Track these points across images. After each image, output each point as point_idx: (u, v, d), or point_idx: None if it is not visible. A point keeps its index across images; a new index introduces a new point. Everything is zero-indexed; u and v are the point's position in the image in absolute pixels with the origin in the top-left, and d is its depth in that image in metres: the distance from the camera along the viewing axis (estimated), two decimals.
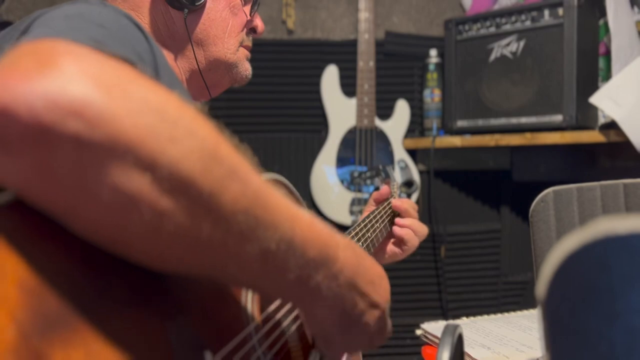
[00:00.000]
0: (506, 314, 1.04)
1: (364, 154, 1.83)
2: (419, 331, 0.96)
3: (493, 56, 1.71)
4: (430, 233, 1.90)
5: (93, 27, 0.53)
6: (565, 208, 0.70)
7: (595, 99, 1.49)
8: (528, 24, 1.65)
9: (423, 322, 0.97)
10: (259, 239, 0.40)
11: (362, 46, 1.82)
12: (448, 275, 1.91)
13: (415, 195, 1.86)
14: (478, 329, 0.94)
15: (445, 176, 1.92)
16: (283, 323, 0.60)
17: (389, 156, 1.86)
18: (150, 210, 0.35)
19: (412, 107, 1.91)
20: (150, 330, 0.41)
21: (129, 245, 0.37)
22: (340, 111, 1.84)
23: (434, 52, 1.88)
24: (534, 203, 0.71)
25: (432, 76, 1.89)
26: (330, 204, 1.82)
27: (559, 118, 1.58)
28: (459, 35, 1.78)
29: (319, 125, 1.87)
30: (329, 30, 1.91)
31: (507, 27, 1.68)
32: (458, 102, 1.79)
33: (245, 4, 0.82)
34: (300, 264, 0.43)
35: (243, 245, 0.39)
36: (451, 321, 0.67)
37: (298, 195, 0.71)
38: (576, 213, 0.70)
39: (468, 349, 0.83)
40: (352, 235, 0.83)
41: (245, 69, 0.84)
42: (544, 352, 0.31)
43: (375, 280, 0.52)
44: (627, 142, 1.43)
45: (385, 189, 1.07)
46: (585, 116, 1.58)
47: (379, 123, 1.86)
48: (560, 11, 1.58)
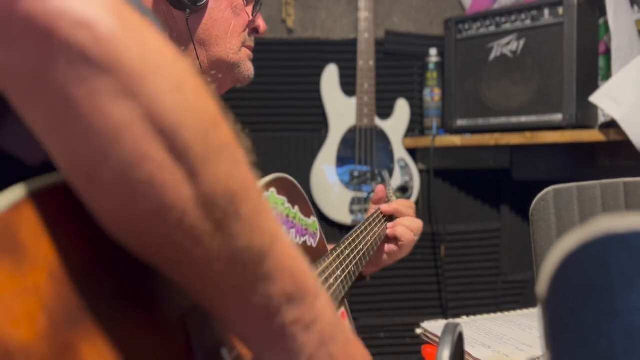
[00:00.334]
0: (506, 313, 1.04)
1: (364, 153, 1.83)
2: (419, 330, 0.96)
3: (493, 55, 1.71)
4: (430, 232, 1.91)
5: None
6: (565, 207, 0.70)
7: (595, 98, 1.49)
8: (528, 23, 1.64)
9: (423, 321, 0.97)
10: (233, 235, 0.36)
11: (362, 45, 1.82)
12: (448, 275, 1.91)
13: (415, 195, 1.86)
14: (478, 328, 0.94)
15: (445, 175, 1.92)
16: None
17: (389, 155, 1.86)
18: (132, 146, 0.33)
19: (412, 107, 1.90)
20: (168, 326, 0.41)
21: (100, 184, 0.34)
22: (340, 110, 1.84)
23: (433, 52, 1.88)
24: (534, 202, 0.71)
25: (432, 75, 1.89)
26: (330, 204, 1.82)
27: (559, 117, 1.58)
28: (458, 34, 1.78)
29: (318, 124, 1.87)
30: (329, 29, 1.91)
31: (507, 26, 1.68)
32: (458, 101, 1.79)
33: (247, 4, 0.82)
34: (271, 291, 0.39)
35: (216, 233, 0.36)
36: (451, 320, 0.67)
37: (303, 192, 0.71)
38: (576, 212, 0.70)
39: (468, 347, 0.83)
40: (344, 248, 0.81)
41: (248, 69, 0.84)
42: (544, 351, 0.31)
43: (356, 356, 0.46)
44: (627, 141, 1.43)
45: (379, 190, 1.07)
46: (585, 115, 1.58)
47: (379, 122, 1.86)
48: (560, 10, 1.58)
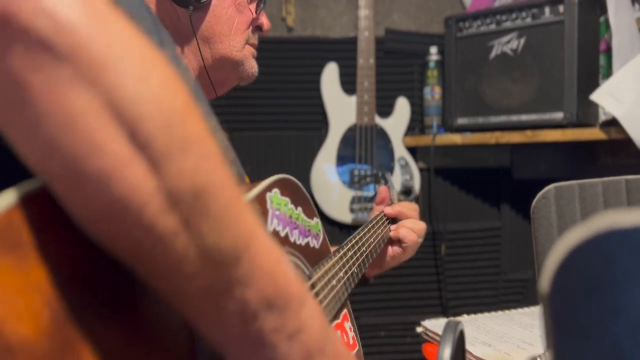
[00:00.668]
0: (507, 312, 1.04)
1: (364, 151, 1.83)
2: (419, 329, 0.96)
3: (493, 53, 1.70)
4: (430, 231, 1.91)
5: None
6: (566, 204, 0.70)
7: (596, 96, 1.49)
8: (528, 21, 1.64)
9: (423, 320, 0.96)
10: (202, 233, 0.35)
11: (362, 44, 1.81)
12: (448, 273, 1.91)
13: (415, 194, 1.86)
14: (479, 327, 0.94)
15: (446, 174, 1.92)
16: None
17: (389, 154, 1.86)
18: (87, 136, 0.32)
19: (413, 105, 1.90)
20: (177, 350, 0.41)
21: (52, 174, 0.33)
22: (340, 109, 1.84)
23: (434, 50, 1.88)
24: (536, 200, 0.71)
25: (432, 74, 1.88)
26: (330, 203, 1.82)
27: (559, 115, 1.58)
28: (459, 32, 1.78)
29: (319, 123, 1.87)
30: (329, 27, 1.90)
31: (508, 24, 1.68)
32: (458, 100, 1.79)
33: (251, 1, 0.82)
34: (247, 296, 0.37)
35: (181, 231, 0.34)
36: (452, 318, 0.66)
37: (306, 193, 0.70)
38: (578, 210, 0.70)
39: (469, 346, 0.83)
40: (347, 250, 0.81)
41: (252, 66, 0.84)
42: (546, 348, 0.30)
43: None
44: (628, 140, 1.43)
45: (382, 190, 1.06)
46: (586, 113, 1.58)
47: (379, 121, 1.85)
48: (561, 8, 1.58)
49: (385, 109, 1.87)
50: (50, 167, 0.33)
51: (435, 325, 0.94)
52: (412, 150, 1.89)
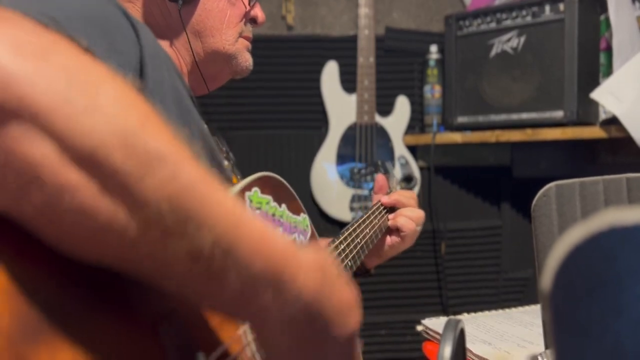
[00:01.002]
0: (507, 310, 1.04)
1: (364, 150, 1.83)
2: (419, 327, 0.96)
3: (493, 52, 1.70)
4: (430, 230, 1.91)
5: (58, 8, 0.48)
6: (567, 203, 0.70)
7: (596, 95, 1.49)
8: (529, 19, 1.64)
9: (424, 319, 0.96)
10: (188, 236, 0.36)
11: (362, 42, 1.81)
12: (448, 272, 1.91)
13: (416, 192, 1.86)
14: (479, 325, 0.94)
15: (446, 172, 1.92)
16: None
17: (389, 152, 1.86)
18: (52, 181, 0.32)
19: (413, 103, 1.90)
20: (141, 335, 0.40)
21: (31, 222, 0.34)
22: (341, 107, 1.84)
23: (434, 48, 1.88)
24: (536, 198, 0.71)
25: (433, 72, 1.88)
26: (330, 201, 1.82)
27: (559, 114, 1.58)
28: (459, 31, 1.78)
29: (318, 121, 1.86)
30: (329, 26, 1.90)
31: (508, 23, 1.67)
32: (458, 98, 1.79)
33: None
34: (243, 276, 0.39)
35: (166, 240, 0.36)
36: (452, 317, 0.66)
37: (291, 190, 0.70)
38: (578, 208, 0.70)
39: (469, 344, 0.83)
40: (339, 242, 0.80)
41: (245, 59, 0.82)
42: (548, 347, 0.30)
43: (342, 309, 0.46)
44: (628, 138, 1.43)
45: (379, 179, 1.06)
46: (586, 112, 1.58)
47: (379, 119, 1.85)
48: (561, 6, 1.57)
49: (385, 108, 1.87)
50: (24, 211, 0.33)
51: (435, 323, 0.94)
52: (412, 149, 1.89)
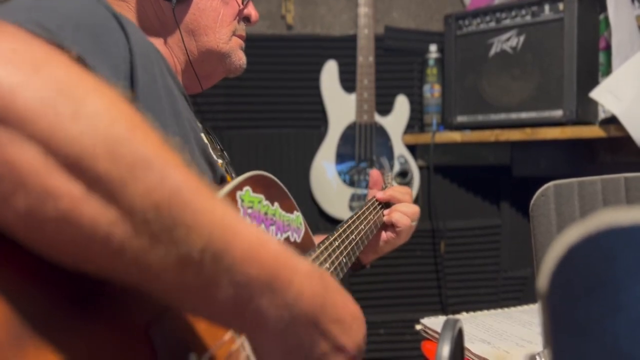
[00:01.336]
0: (506, 309, 1.04)
1: (364, 149, 1.83)
2: (418, 326, 0.96)
3: (493, 51, 1.70)
4: (429, 228, 1.91)
5: (50, 16, 0.48)
6: (566, 202, 0.70)
7: (596, 94, 1.49)
8: (528, 18, 1.64)
9: (423, 318, 0.96)
10: (177, 242, 0.36)
11: (362, 41, 1.81)
12: (448, 271, 1.91)
13: (415, 189, 1.86)
14: (478, 324, 0.94)
15: (445, 172, 1.92)
16: None
17: (389, 152, 1.86)
18: (37, 186, 0.33)
19: (412, 103, 1.90)
20: (132, 338, 0.40)
21: (14, 228, 0.34)
22: (340, 107, 1.84)
23: (433, 48, 1.88)
24: (535, 197, 0.71)
25: (432, 71, 1.88)
26: (329, 200, 1.82)
27: (559, 113, 1.58)
28: (458, 30, 1.78)
29: (318, 121, 1.86)
30: (329, 25, 1.90)
31: (507, 22, 1.67)
32: (458, 98, 1.79)
33: None
34: (236, 282, 0.38)
35: (153, 247, 0.35)
36: (451, 316, 0.66)
37: (283, 188, 0.69)
38: (577, 207, 0.70)
39: (468, 344, 0.83)
40: (334, 239, 0.80)
41: (239, 58, 0.83)
42: (545, 347, 0.30)
43: (345, 319, 0.45)
44: (628, 137, 1.43)
45: (374, 174, 1.06)
46: (586, 111, 1.58)
47: (379, 118, 1.85)
48: (561, 6, 1.57)
49: (384, 107, 1.87)
50: (7, 217, 0.33)
51: (434, 322, 0.94)
52: (412, 148, 1.89)
